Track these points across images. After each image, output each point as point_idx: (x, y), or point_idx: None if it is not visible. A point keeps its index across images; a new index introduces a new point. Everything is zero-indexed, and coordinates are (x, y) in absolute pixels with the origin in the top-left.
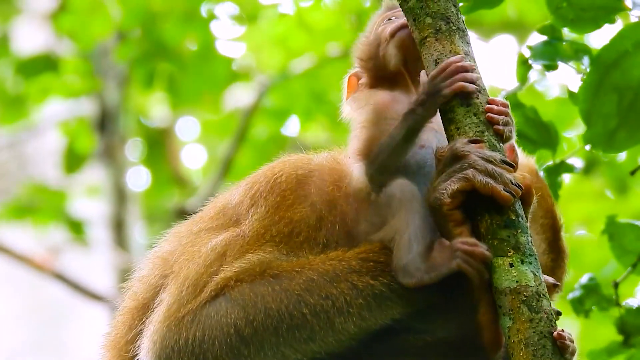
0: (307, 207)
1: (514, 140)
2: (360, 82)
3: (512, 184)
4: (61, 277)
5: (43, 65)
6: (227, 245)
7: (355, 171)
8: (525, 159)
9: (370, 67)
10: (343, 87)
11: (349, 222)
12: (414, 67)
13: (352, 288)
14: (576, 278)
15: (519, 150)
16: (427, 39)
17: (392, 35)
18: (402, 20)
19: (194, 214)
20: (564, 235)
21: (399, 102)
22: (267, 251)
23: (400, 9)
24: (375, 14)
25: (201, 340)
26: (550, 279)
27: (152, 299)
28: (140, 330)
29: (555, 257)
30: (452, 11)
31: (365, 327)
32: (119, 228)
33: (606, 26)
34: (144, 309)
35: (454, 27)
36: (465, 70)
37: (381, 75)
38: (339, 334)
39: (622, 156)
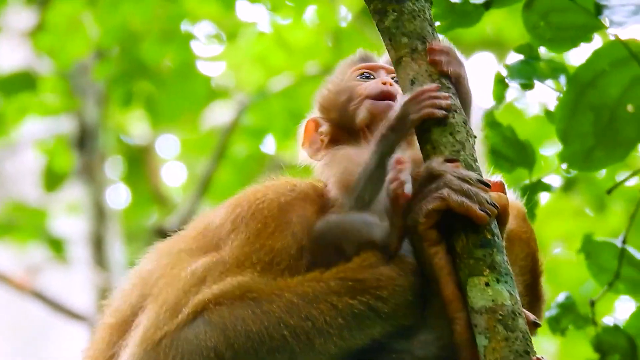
0: (289, 236)
1: (502, 179)
2: (320, 129)
3: (488, 203)
4: (40, 296)
5: (22, 83)
6: (207, 270)
7: (335, 203)
8: (513, 200)
9: (333, 117)
10: (300, 132)
11: None
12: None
13: (332, 308)
14: (553, 297)
15: (509, 192)
16: (403, 59)
17: (368, 97)
18: (378, 82)
19: (173, 232)
20: (543, 281)
21: (365, 153)
22: (246, 276)
23: (375, 61)
24: (347, 61)
25: None
26: (532, 316)
27: (131, 316)
28: (120, 347)
29: (532, 299)
30: (429, 30)
31: (346, 347)
32: (98, 246)
33: (583, 45)
34: (124, 325)
35: None
36: (437, 98)
37: (343, 126)
38: (319, 355)
39: (602, 174)
